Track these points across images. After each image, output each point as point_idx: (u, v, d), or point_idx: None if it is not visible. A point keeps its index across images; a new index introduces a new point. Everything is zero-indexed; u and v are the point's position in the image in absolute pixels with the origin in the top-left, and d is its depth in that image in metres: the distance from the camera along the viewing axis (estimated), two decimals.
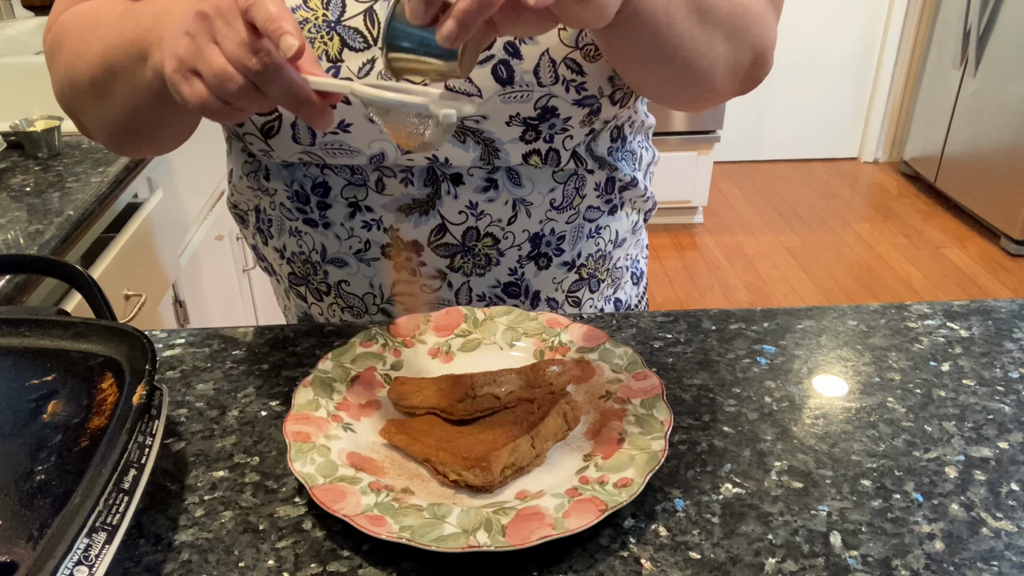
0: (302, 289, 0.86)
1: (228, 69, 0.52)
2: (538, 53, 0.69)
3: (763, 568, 0.52)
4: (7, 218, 1.05)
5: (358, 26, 0.68)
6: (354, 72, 0.68)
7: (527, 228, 0.79)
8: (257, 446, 0.62)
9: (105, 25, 0.68)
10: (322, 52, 0.68)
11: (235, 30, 0.52)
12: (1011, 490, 0.58)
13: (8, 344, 0.59)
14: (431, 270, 0.79)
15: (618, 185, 0.83)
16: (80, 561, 0.43)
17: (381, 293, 0.82)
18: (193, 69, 0.54)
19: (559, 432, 0.61)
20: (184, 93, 0.55)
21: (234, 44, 0.52)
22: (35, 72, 1.73)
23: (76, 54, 0.71)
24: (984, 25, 3.18)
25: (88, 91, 0.72)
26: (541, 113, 0.71)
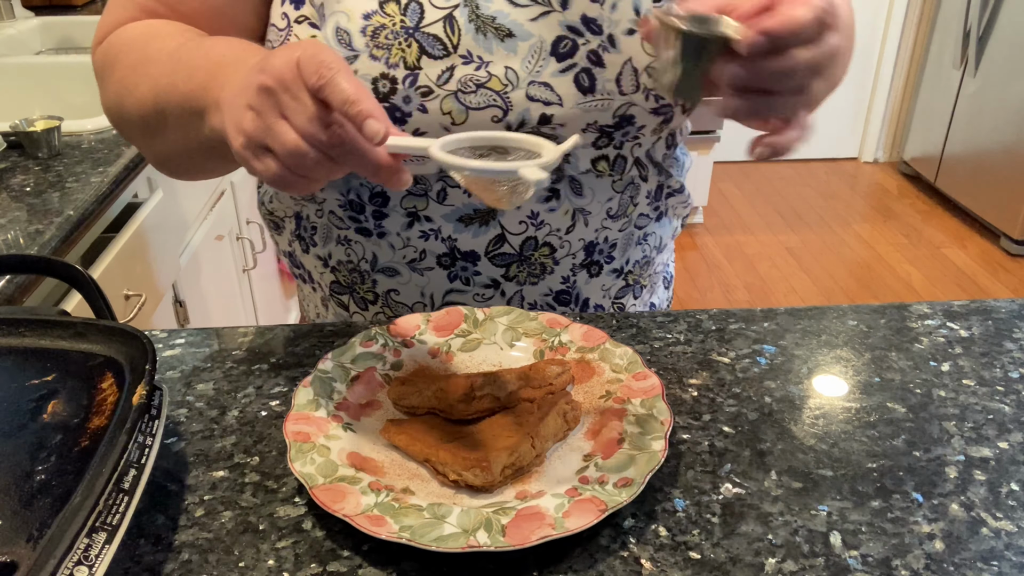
0: (345, 298, 0.84)
1: (301, 146, 0.51)
2: (621, 61, 0.68)
3: (763, 568, 0.52)
4: (7, 218, 1.05)
5: (437, 32, 0.67)
6: (433, 80, 0.67)
7: (583, 237, 0.78)
8: (257, 446, 0.62)
9: (157, 64, 0.67)
10: (400, 59, 0.67)
11: (304, 104, 0.51)
12: (1011, 490, 0.58)
13: (8, 344, 0.59)
14: (485, 279, 0.79)
15: (666, 192, 0.83)
16: (80, 561, 0.43)
17: (432, 302, 0.81)
18: (263, 145, 0.53)
19: (559, 432, 0.61)
20: (256, 169, 0.54)
21: (304, 120, 0.51)
22: (35, 72, 1.73)
23: (126, 86, 0.70)
24: (984, 25, 3.18)
25: (137, 125, 0.71)
26: (618, 121, 0.71)
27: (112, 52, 0.73)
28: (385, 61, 0.67)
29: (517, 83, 0.68)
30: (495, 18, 0.67)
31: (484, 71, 0.67)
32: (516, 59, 0.68)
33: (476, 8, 0.67)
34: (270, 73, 0.52)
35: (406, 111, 0.68)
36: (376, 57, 0.67)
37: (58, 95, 1.70)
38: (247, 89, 0.53)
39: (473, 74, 0.67)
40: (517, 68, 0.68)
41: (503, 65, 0.68)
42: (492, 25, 0.67)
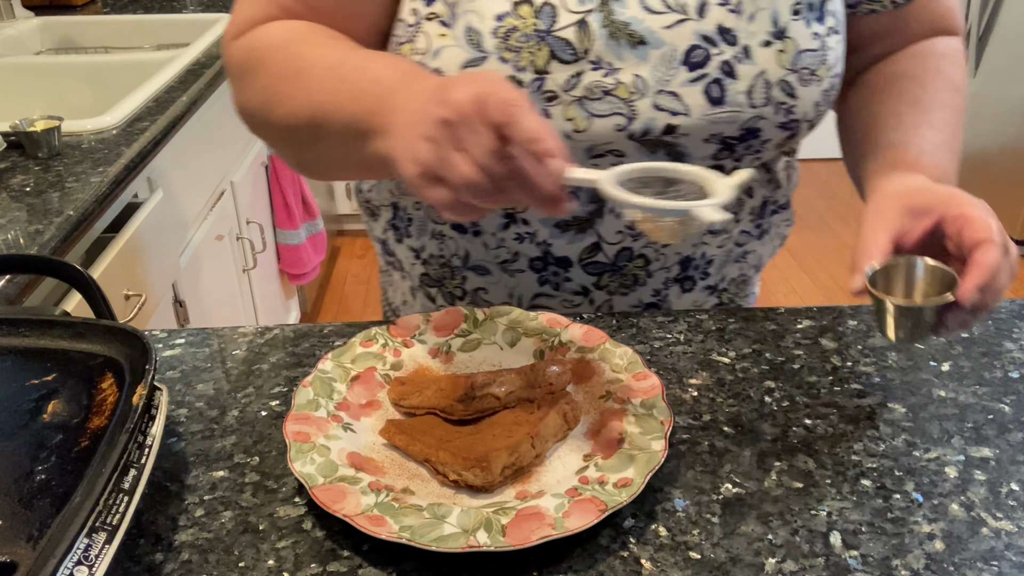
0: (434, 291, 0.84)
1: (477, 177, 0.53)
2: (754, 73, 0.68)
3: (763, 568, 0.52)
4: (7, 218, 1.05)
5: (569, 37, 0.66)
6: (559, 85, 0.66)
7: (680, 251, 0.78)
8: (257, 446, 0.62)
9: (314, 79, 0.66)
10: (529, 63, 0.66)
11: (482, 138, 0.52)
12: (1011, 490, 0.58)
13: (8, 344, 0.59)
14: (575, 286, 0.79)
15: (770, 208, 0.82)
16: (80, 561, 0.43)
17: (519, 304, 0.81)
18: (438, 175, 0.54)
19: (559, 432, 0.61)
20: (429, 197, 0.55)
21: (482, 152, 0.52)
22: (35, 72, 1.73)
23: (276, 95, 0.69)
24: (984, 25, 3.18)
25: (283, 134, 0.71)
26: (743, 134, 0.70)
27: (256, 55, 0.71)
28: (514, 64, 0.66)
29: (645, 91, 0.67)
30: (629, 24, 0.66)
31: (612, 78, 0.67)
32: (646, 67, 0.67)
33: (610, 14, 0.66)
34: (450, 106, 0.53)
35: None
36: (505, 59, 0.66)
37: (58, 95, 1.70)
38: (424, 120, 0.54)
39: (600, 80, 0.67)
40: (646, 76, 0.67)
41: (632, 73, 0.67)
42: (626, 31, 0.66)
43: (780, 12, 0.68)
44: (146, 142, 1.30)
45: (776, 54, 0.68)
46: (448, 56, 0.67)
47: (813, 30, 0.69)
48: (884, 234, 0.61)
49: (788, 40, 0.68)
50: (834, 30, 0.71)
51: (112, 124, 1.34)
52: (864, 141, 0.75)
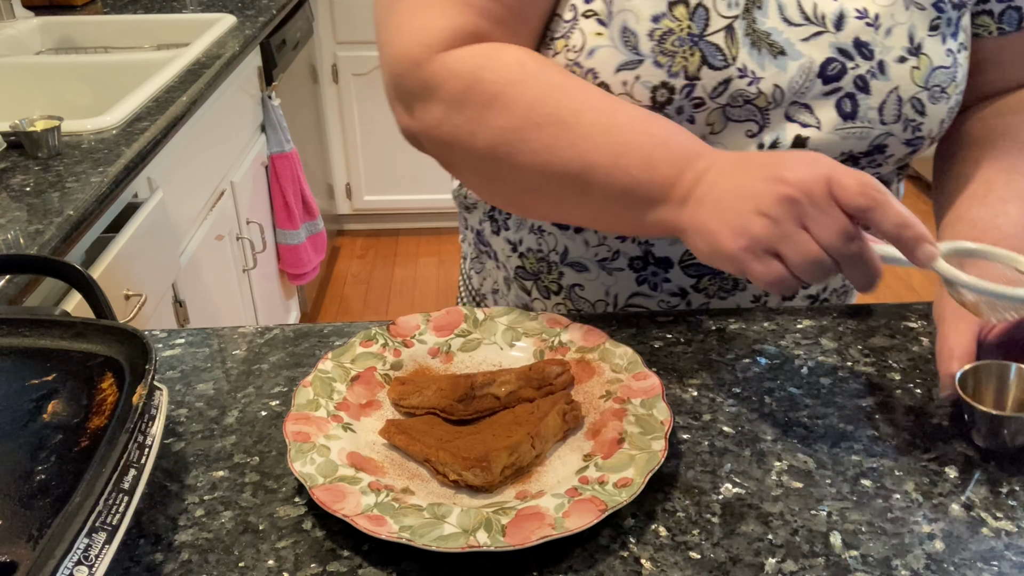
0: (529, 284, 0.84)
1: (821, 256, 0.54)
2: (887, 89, 0.67)
3: (763, 568, 0.52)
4: (7, 218, 1.05)
5: (719, 42, 0.66)
6: (707, 92, 0.66)
7: None
8: (257, 446, 0.62)
9: (585, 136, 0.63)
10: (681, 68, 0.65)
11: (833, 219, 0.54)
12: (1011, 490, 0.58)
13: (8, 344, 0.59)
14: (674, 287, 0.78)
15: None
16: (80, 561, 0.43)
17: (615, 302, 0.80)
18: (772, 251, 0.56)
19: (559, 432, 0.61)
20: (757, 272, 0.57)
21: (832, 232, 0.54)
22: (35, 72, 1.73)
23: (521, 140, 0.64)
24: None
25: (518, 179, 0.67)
26: (869, 150, 0.70)
27: (488, 88, 0.65)
28: (668, 69, 0.66)
29: (780, 102, 0.67)
30: (769, 34, 0.66)
31: (755, 87, 0.67)
32: (784, 77, 0.67)
33: (753, 22, 0.66)
34: (795, 185, 0.55)
35: (676, 121, 0.67)
36: (660, 64, 0.66)
37: (58, 95, 1.71)
38: (761, 197, 0.56)
39: (745, 89, 0.67)
40: (784, 87, 0.67)
41: (772, 83, 0.67)
42: (767, 41, 0.66)
43: (917, 27, 0.68)
44: (146, 142, 1.30)
45: (910, 70, 0.68)
46: (602, 57, 0.67)
47: (947, 47, 0.69)
48: (968, 333, 0.61)
49: (923, 56, 0.68)
50: (964, 46, 0.71)
51: (112, 124, 1.34)
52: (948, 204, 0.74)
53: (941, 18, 0.68)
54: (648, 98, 0.66)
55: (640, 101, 0.67)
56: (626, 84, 0.67)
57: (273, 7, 2.12)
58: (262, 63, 2.11)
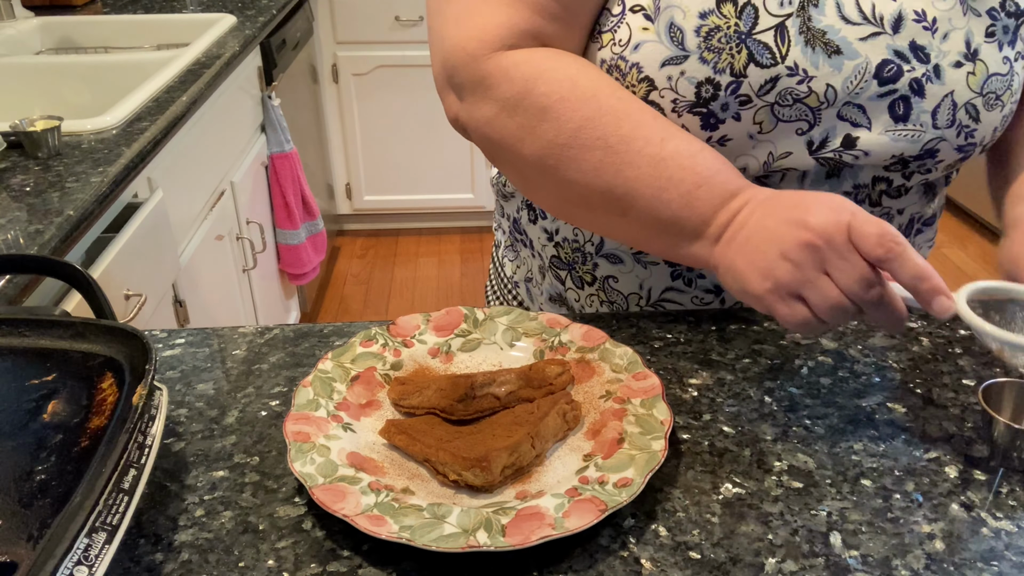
0: (563, 274, 0.84)
1: (843, 301, 0.57)
2: (942, 94, 0.67)
3: (763, 568, 0.52)
4: (7, 218, 1.05)
5: (768, 41, 0.65)
6: (754, 89, 0.66)
7: None
8: (257, 446, 0.62)
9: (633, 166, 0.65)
10: (727, 65, 0.66)
11: (853, 265, 0.56)
12: (1011, 490, 0.58)
13: (8, 344, 0.59)
14: (708, 283, 0.78)
15: (916, 227, 0.80)
16: (80, 561, 0.43)
17: (648, 295, 0.80)
18: (796, 294, 0.58)
19: (559, 432, 0.61)
20: (782, 314, 0.59)
21: (852, 279, 0.56)
22: (35, 72, 1.73)
23: (569, 157, 0.66)
24: None
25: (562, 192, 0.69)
26: (920, 154, 0.69)
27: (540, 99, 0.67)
28: (713, 65, 0.66)
29: (833, 101, 0.67)
30: (825, 32, 0.66)
31: (806, 86, 0.66)
32: (839, 77, 0.66)
33: (808, 20, 0.66)
34: (817, 232, 0.57)
35: (720, 118, 0.67)
36: (706, 60, 0.66)
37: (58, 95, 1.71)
38: (785, 241, 0.58)
39: (795, 87, 0.66)
40: (838, 87, 0.66)
41: (825, 82, 0.66)
42: (822, 40, 0.66)
43: (974, 33, 0.67)
44: (146, 142, 1.30)
45: (966, 76, 0.67)
46: (648, 51, 0.67)
47: (1004, 54, 0.69)
48: None
49: (980, 62, 0.68)
50: (1022, 55, 0.70)
51: (112, 124, 1.34)
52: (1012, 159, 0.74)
53: (996, 25, 0.68)
54: (693, 93, 0.67)
55: (685, 96, 0.67)
56: (671, 79, 0.67)
57: (273, 7, 2.12)
58: (262, 63, 2.11)
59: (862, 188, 0.73)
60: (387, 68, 2.95)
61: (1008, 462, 0.59)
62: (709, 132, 0.68)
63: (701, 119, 0.68)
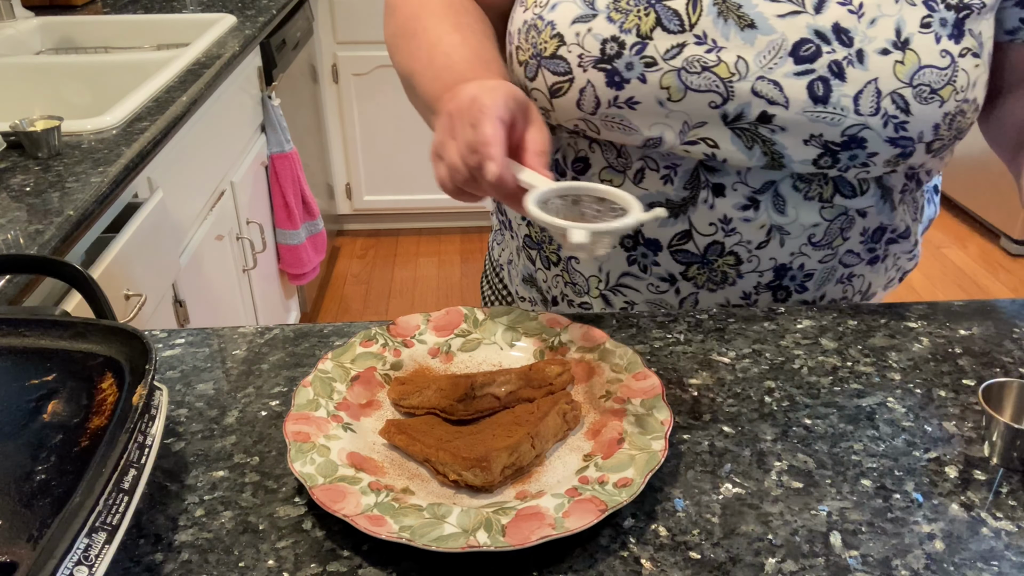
0: (534, 253, 0.87)
1: (458, 163, 0.62)
2: (865, 79, 0.66)
3: (763, 568, 0.52)
4: (7, 218, 1.05)
5: (678, 8, 0.68)
6: (660, 53, 0.69)
7: (775, 257, 0.77)
8: (257, 446, 0.62)
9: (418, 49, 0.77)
10: (634, 26, 0.69)
11: (466, 134, 0.61)
12: (1011, 490, 0.58)
13: (8, 344, 0.59)
14: (663, 272, 0.79)
15: (887, 236, 0.80)
16: (80, 561, 0.43)
17: (607, 279, 0.82)
18: (439, 155, 0.64)
19: (559, 432, 0.61)
20: (435, 172, 0.65)
21: (464, 145, 0.62)
22: (35, 72, 1.73)
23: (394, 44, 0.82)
24: None
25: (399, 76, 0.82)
26: (846, 141, 0.69)
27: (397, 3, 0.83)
28: (620, 25, 0.69)
29: (745, 75, 0.67)
30: (740, 6, 0.67)
31: (715, 55, 0.67)
32: (751, 51, 0.67)
33: None
34: (455, 102, 0.63)
35: (625, 77, 0.69)
36: (612, 19, 0.69)
37: (58, 95, 1.70)
38: (442, 112, 0.65)
39: (702, 55, 0.68)
40: (750, 60, 0.67)
41: (736, 54, 0.67)
42: (736, 12, 0.67)
43: (906, 21, 0.67)
44: (146, 142, 1.30)
45: (893, 64, 0.66)
46: (562, 10, 0.71)
47: (943, 47, 0.67)
48: None
49: (910, 52, 0.67)
50: (973, 52, 0.69)
51: (112, 124, 1.34)
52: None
53: (932, 17, 0.67)
54: (598, 49, 0.70)
55: (590, 52, 0.70)
56: (579, 35, 0.70)
57: (273, 7, 2.12)
58: (262, 63, 2.11)
59: (804, 182, 0.73)
60: (387, 68, 2.94)
61: (1008, 462, 0.59)
62: (615, 91, 0.70)
63: (606, 76, 0.70)
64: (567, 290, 0.84)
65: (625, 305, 0.82)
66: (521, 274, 0.91)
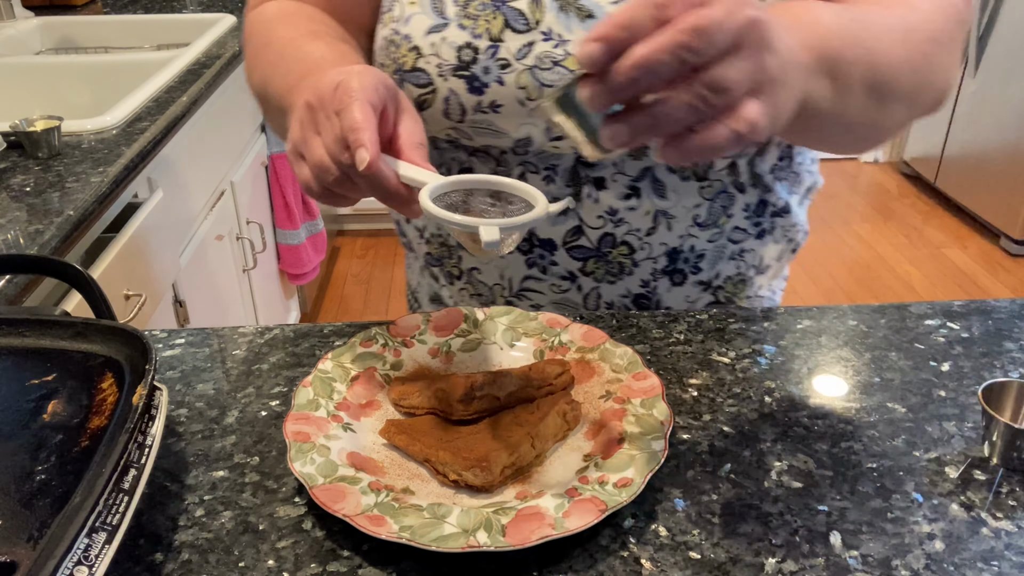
0: (436, 271, 0.86)
1: (325, 160, 0.56)
2: None
3: (763, 568, 0.52)
4: (7, 218, 1.05)
5: (522, 7, 0.69)
6: (512, 53, 0.69)
7: (665, 241, 0.78)
8: (257, 446, 0.62)
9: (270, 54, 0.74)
10: (485, 30, 0.69)
11: (333, 125, 0.55)
12: (1011, 490, 0.58)
13: (8, 344, 0.59)
14: (562, 270, 0.79)
15: (770, 210, 0.81)
16: (80, 561, 0.43)
17: (510, 285, 0.82)
18: (301, 154, 0.58)
19: (559, 432, 0.61)
20: (296, 173, 0.59)
21: (331, 139, 0.55)
22: (35, 72, 1.73)
23: (250, 63, 0.79)
24: (984, 25, 3.18)
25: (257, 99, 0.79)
26: None
27: (251, 27, 0.81)
28: (471, 31, 0.70)
29: None
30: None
31: (562, 49, 0.69)
32: None
33: None
34: (315, 92, 0.57)
35: (484, 81, 0.70)
36: (464, 26, 0.70)
37: (58, 95, 1.70)
38: (299, 103, 0.59)
39: (551, 51, 0.69)
40: None
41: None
42: (575, 5, 0.68)
43: None
44: (146, 142, 1.30)
45: None
46: (415, 23, 0.72)
47: None
48: None
49: None
50: None
51: (112, 124, 1.34)
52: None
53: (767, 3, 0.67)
54: (455, 57, 0.70)
55: (447, 60, 0.71)
56: (434, 45, 0.71)
57: None
58: None
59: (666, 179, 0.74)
60: None
61: (1008, 462, 0.59)
62: (477, 96, 0.71)
63: (466, 82, 0.70)
64: (473, 302, 0.85)
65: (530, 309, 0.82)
66: (428, 294, 0.91)
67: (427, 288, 0.90)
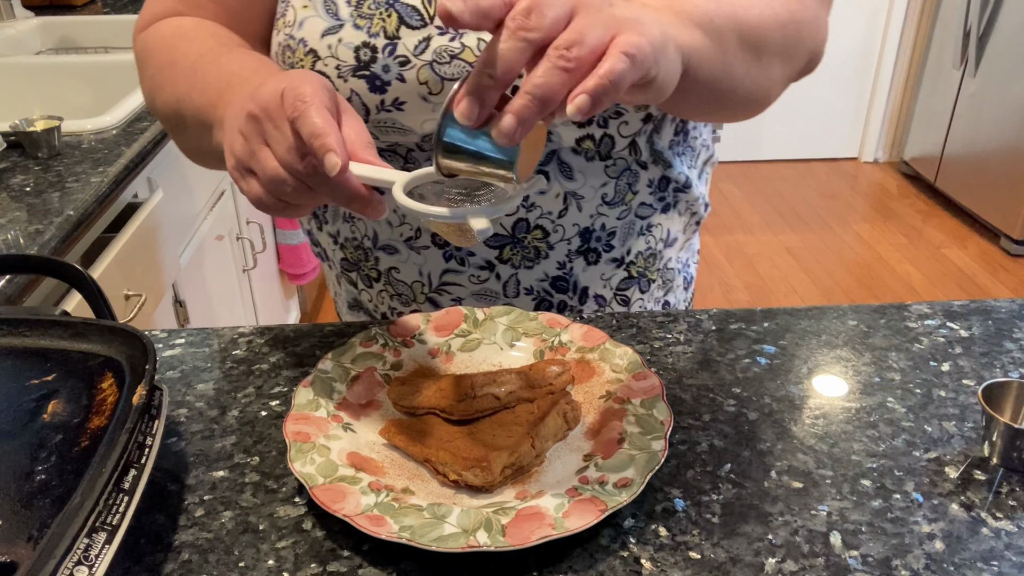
0: (353, 275, 0.86)
1: (280, 172, 0.53)
2: None
3: (763, 568, 0.52)
4: (7, 218, 1.05)
5: (415, 3, 0.69)
6: (410, 49, 0.69)
7: (577, 222, 0.78)
8: (257, 446, 0.62)
9: (180, 71, 0.71)
10: (380, 29, 0.69)
11: (284, 134, 0.53)
12: (1011, 490, 0.58)
13: (8, 344, 0.59)
14: (480, 260, 0.79)
15: (672, 185, 0.82)
16: (80, 561, 0.43)
17: (430, 281, 0.82)
18: (248, 169, 0.55)
19: (559, 432, 0.61)
20: (243, 190, 0.57)
21: (283, 149, 0.53)
22: (35, 72, 1.73)
23: (156, 84, 0.75)
24: (984, 25, 3.18)
25: (165, 121, 0.76)
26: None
27: (148, 47, 0.77)
28: (367, 30, 0.69)
29: None
30: None
31: (458, 42, 0.69)
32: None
33: None
34: (257, 101, 0.54)
35: (385, 80, 0.70)
36: (359, 26, 0.70)
37: (58, 95, 1.70)
38: (239, 114, 0.56)
39: (448, 45, 0.69)
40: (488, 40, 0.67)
41: (476, 36, 0.68)
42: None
43: None
44: (146, 142, 1.30)
45: None
46: (309, 26, 0.71)
47: None
48: None
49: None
50: None
51: (112, 124, 1.34)
52: None
53: None
54: (353, 58, 0.70)
55: (346, 62, 0.70)
56: (331, 47, 0.70)
57: None
58: None
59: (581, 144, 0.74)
60: None
61: (1008, 462, 0.59)
62: (379, 95, 0.70)
63: (367, 82, 0.70)
64: (394, 303, 0.84)
65: (452, 303, 0.82)
66: (346, 301, 0.91)
67: (345, 295, 0.90)
